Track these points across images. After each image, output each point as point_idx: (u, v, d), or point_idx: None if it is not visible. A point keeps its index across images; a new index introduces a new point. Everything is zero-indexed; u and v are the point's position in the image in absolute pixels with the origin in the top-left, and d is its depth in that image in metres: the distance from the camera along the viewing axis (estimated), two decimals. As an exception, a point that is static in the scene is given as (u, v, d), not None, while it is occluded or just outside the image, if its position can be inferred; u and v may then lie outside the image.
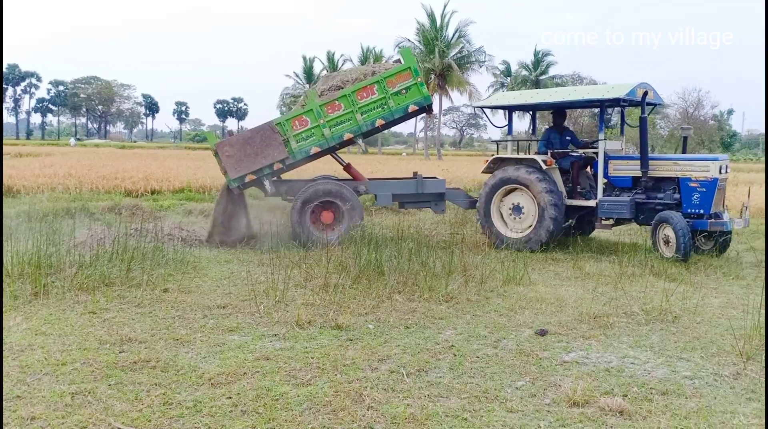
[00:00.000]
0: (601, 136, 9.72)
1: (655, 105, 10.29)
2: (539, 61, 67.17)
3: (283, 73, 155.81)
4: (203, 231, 11.45)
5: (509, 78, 69.74)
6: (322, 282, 6.89)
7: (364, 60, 65.74)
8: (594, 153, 10.13)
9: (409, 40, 54.05)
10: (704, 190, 8.96)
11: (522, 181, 9.91)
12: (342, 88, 10.10)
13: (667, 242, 8.87)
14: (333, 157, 11.09)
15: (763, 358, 4.79)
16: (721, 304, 6.69)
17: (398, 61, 10.78)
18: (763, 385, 4.31)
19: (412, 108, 9.93)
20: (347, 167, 11.10)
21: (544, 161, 9.89)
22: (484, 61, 56.52)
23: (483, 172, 10.86)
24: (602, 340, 5.34)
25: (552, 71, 66.97)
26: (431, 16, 53.44)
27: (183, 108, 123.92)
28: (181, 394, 4.05)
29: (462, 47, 54.21)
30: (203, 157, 35.91)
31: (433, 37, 52.45)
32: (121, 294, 6.48)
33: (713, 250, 9.32)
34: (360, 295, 6.55)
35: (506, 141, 11.66)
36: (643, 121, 9.31)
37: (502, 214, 10.32)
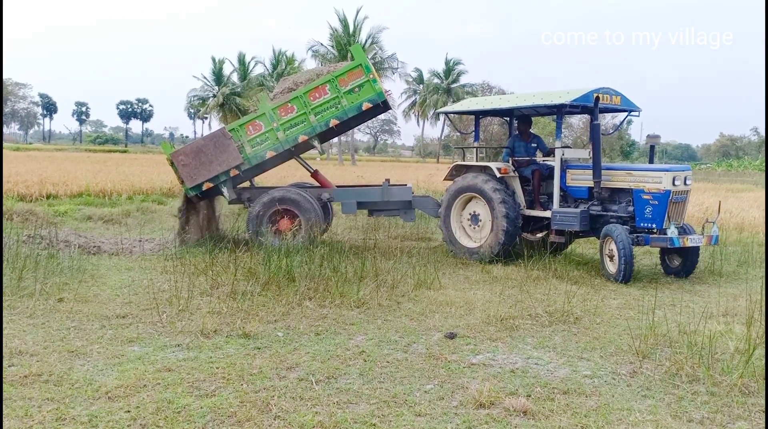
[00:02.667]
0: (558, 143, 9.30)
1: (626, 111, 9.63)
2: (450, 69, 68.76)
3: (190, 75, 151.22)
4: (102, 237, 10.94)
5: (422, 85, 70.94)
6: (229, 289, 6.70)
7: (276, 63, 65.00)
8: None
9: (321, 44, 53.98)
10: (656, 202, 8.31)
11: (478, 189, 9.62)
12: (294, 90, 9.94)
13: (611, 257, 8.35)
14: (300, 163, 10.88)
15: (658, 356, 5.04)
16: (619, 305, 7.00)
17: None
18: (657, 382, 4.52)
19: (366, 106, 9.67)
20: (314, 174, 10.91)
21: (499, 169, 9.58)
22: (397, 68, 57.29)
23: (444, 179, 10.63)
24: (508, 341, 5.46)
25: (463, 80, 68.75)
26: (344, 21, 53.57)
27: (83, 109, 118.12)
28: (76, 409, 3.82)
29: (375, 53, 54.63)
30: (104, 160, 34.48)
31: (346, 42, 52.55)
32: (12, 304, 6.06)
33: (681, 268, 8.77)
34: (269, 302, 6.41)
35: (471, 147, 11.24)
36: (594, 128, 8.72)
37: (463, 223, 10.06)
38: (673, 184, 8.26)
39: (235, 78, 69.40)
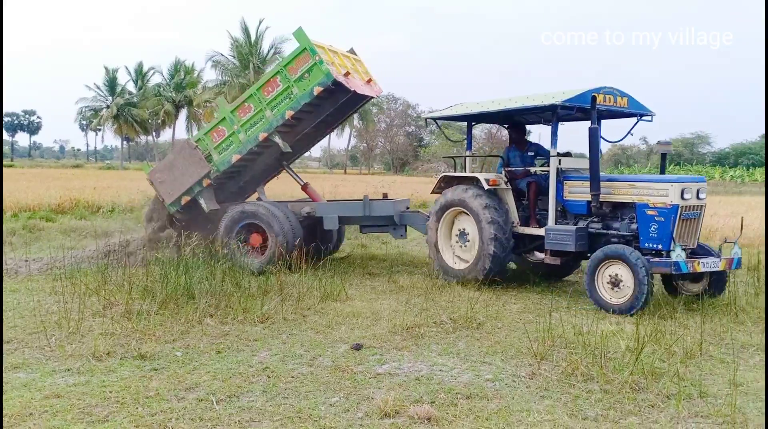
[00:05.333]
0: (553, 151, 8.06)
1: (636, 116, 8.27)
2: (356, 81, 69.08)
3: (83, 85, 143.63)
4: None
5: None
6: (123, 309, 6.38)
7: (174, 72, 63.17)
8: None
9: (222, 54, 52.91)
10: (662, 219, 7.15)
11: (464, 203, 8.53)
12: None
13: (615, 284, 7.03)
14: (290, 175, 10.68)
15: (555, 357, 5.23)
16: (519, 309, 7.22)
17: None
18: (554, 383, 4.69)
19: (317, 90, 9.10)
20: (305, 187, 10.59)
21: (488, 180, 8.44)
22: (302, 79, 56.85)
23: (432, 192, 9.45)
24: (414, 350, 5.50)
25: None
26: (245, 31, 52.78)
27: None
28: (-51, 447, 3.50)
29: (278, 64, 54.10)
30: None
31: (247, 52, 51.77)
32: None
33: (706, 292, 7.41)
34: (167, 321, 6.16)
35: (462, 157, 9.98)
36: (592, 133, 7.61)
37: (451, 242, 8.99)
38: (682, 197, 7.12)
39: (131, 88, 66.94)
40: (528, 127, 9.90)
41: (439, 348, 5.57)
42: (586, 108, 7.66)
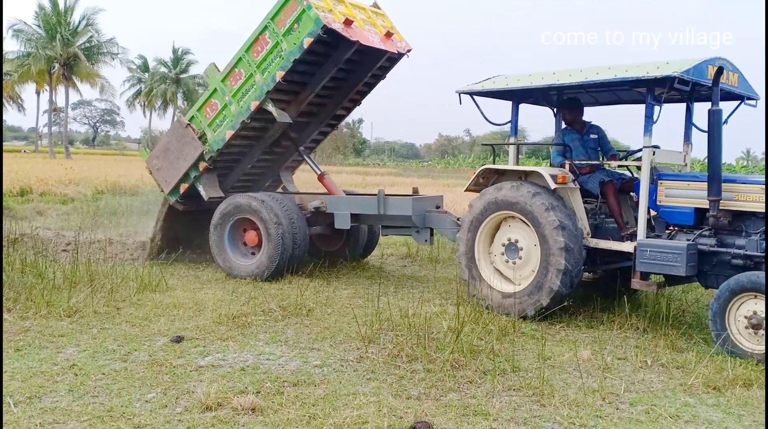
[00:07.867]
0: (647, 140, 6.07)
1: (740, 98, 6.54)
2: (179, 59, 65.96)
3: None
4: None
5: (147, 74, 66.91)
6: None
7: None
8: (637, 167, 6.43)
9: (25, 22, 47.78)
10: None
11: (519, 206, 6.40)
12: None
13: (756, 327, 5.18)
14: (308, 163, 9.38)
15: (383, 340, 5.31)
16: (350, 294, 7.27)
17: None
18: (381, 365, 4.75)
19: (307, 42, 7.59)
20: (321, 177, 9.11)
21: (554, 177, 6.34)
22: (117, 54, 52.99)
23: (467, 189, 7.23)
24: (240, 340, 5.32)
25: (193, 70, 66.25)
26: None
27: None
28: None
29: (91, 36, 49.92)
30: None
31: (55, 22, 47.21)
32: None
33: None
34: (-47, 317, 5.41)
35: (506, 144, 7.83)
36: (714, 117, 5.76)
37: (493, 256, 6.78)
38: None
39: None
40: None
41: (267, 337, 5.44)
42: (702, 84, 5.96)
